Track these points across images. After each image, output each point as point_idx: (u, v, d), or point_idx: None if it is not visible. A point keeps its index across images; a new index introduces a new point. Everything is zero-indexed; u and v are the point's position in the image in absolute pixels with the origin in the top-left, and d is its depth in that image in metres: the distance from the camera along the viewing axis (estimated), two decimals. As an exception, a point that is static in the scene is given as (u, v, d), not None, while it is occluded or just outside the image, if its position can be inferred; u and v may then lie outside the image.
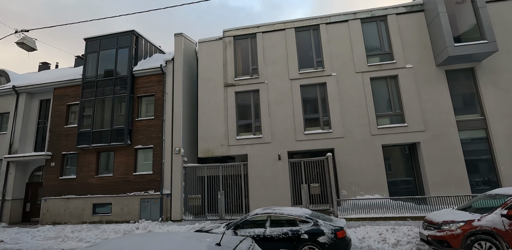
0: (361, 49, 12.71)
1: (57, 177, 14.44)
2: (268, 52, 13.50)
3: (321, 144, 12.28)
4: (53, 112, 15.32)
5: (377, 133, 11.92)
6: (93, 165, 14.12)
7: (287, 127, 12.62)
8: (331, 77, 12.71)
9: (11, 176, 15.01)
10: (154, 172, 13.36)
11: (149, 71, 14.26)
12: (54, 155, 14.74)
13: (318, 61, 13.15)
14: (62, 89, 15.49)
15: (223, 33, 14.08)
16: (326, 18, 13.27)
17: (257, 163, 12.57)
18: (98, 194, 13.70)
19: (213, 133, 13.15)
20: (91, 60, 15.02)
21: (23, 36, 7.94)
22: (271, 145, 12.61)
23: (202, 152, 13.12)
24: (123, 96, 14.15)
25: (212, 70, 13.81)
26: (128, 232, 9.88)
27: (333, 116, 12.34)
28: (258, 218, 7.07)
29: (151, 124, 13.91)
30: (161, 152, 13.43)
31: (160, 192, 13.03)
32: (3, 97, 16.21)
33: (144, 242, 2.79)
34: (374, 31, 13.02)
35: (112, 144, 13.71)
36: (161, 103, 14.01)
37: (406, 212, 10.62)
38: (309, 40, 13.47)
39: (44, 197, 14.34)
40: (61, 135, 14.90)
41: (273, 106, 12.92)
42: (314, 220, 6.68)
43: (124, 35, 14.73)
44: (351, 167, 11.82)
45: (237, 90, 13.41)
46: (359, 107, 12.24)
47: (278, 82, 13.10)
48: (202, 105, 13.56)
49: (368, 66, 12.51)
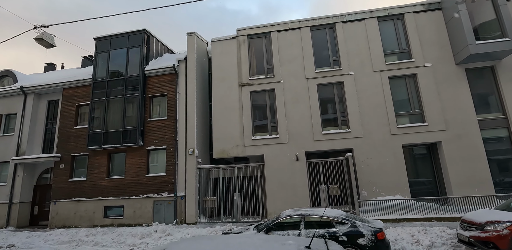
0: (378, 47, 12.53)
1: (66, 179, 14.08)
2: (284, 51, 13.29)
3: (340, 144, 12.05)
4: (62, 113, 14.99)
5: (397, 132, 11.70)
6: (104, 167, 13.78)
7: (304, 127, 12.38)
8: (348, 76, 12.51)
9: (19, 178, 14.63)
10: (168, 174, 13.05)
11: (161, 71, 14.00)
12: (63, 157, 14.39)
13: (334, 60, 12.96)
14: (71, 90, 15.18)
15: (237, 32, 13.87)
16: (342, 16, 13.11)
17: (274, 163, 12.30)
18: (110, 197, 13.36)
19: (228, 133, 12.88)
20: (101, 60, 14.74)
21: (42, 32, 7.68)
22: (288, 145, 12.35)
23: (217, 153, 12.84)
24: (135, 97, 13.86)
25: (226, 70, 13.57)
26: (147, 236, 9.54)
27: (351, 116, 12.12)
28: (291, 219, 6.78)
29: (163, 125, 13.63)
30: (174, 153, 13.13)
31: (174, 194, 12.71)
32: (10, 98, 15.87)
33: (220, 246, 2.51)
34: (391, 29, 12.87)
35: (124, 145, 13.40)
36: (173, 103, 13.73)
37: (430, 213, 10.38)
38: (324, 39, 13.29)
39: (53, 199, 13.97)
40: (71, 136, 14.56)
41: (290, 106, 12.69)
42: (351, 221, 6.41)
43: (135, 35, 14.48)
44: (371, 167, 11.58)
45: (252, 89, 13.17)
46: (378, 107, 12.03)
47: (294, 81, 12.89)
48: (216, 106, 13.30)
49: (386, 65, 12.33)
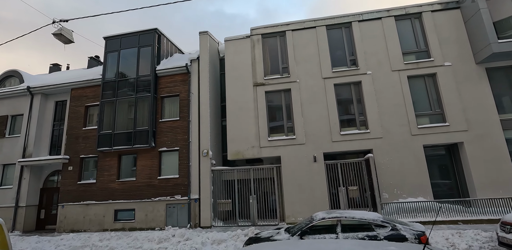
0: (396, 47, 12.32)
1: (75, 181, 13.68)
2: (299, 51, 13.05)
3: (358, 144, 11.77)
4: (70, 114, 14.62)
5: (417, 132, 11.44)
6: (114, 169, 13.40)
7: (322, 127, 12.10)
8: (366, 76, 12.27)
9: (25, 181, 14.20)
10: (181, 176, 12.70)
11: (173, 71, 13.70)
12: (71, 159, 13.99)
13: (351, 59, 12.73)
14: (80, 90, 14.82)
15: (251, 31, 13.62)
16: (359, 15, 12.91)
17: (291, 165, 11.98)
18: (120, 200, 12.96)
19: (243, 134, 12.56)
20: (111, 60, 14.42)
21: (60, 27, 7.37)
22: (306, 146, 12.05)
23: (232, 154, 12.51)
24: (147, 97, 13.54)
25: (240, 69, 13.30)
26: (164, 240, 9.16)
27: (370, 116, 11.86)
28: (326, 222, 6.46)
29: (176, 125, 13.29)
30: (187, 154, 12.79)
31: (188, 196, 12.34)
32: (17, 98, 15.48)
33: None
34: (408, 28, 12.67)
35: (136, 146, 13.03)
36: (186, 103, 13.42)
37: (456, 216, 10.09)
38: (341, 38, 13.07)
39: (61, 203, 13.54)
40: (79, 138, 14.18)
41: (306, 106, 12.41)
42: (391, 224, 6.10)
43: (146, 34, 14.19)
44: (392, 169, 11.29)
45: (267, 89, 12.89)
46: (397, 107, 11.78)
47: (311, 81, 12.63)
48: (231, 106, 13.00)
49: (404, 64, 12.11)
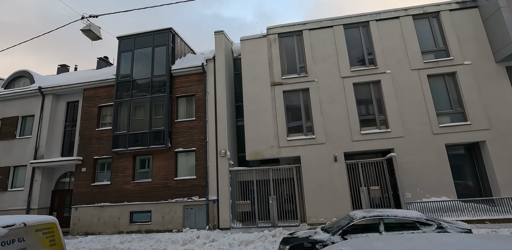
0: (415, 45, 12.28)
1: (88, 183, 13.42)
2: (316, 50, 12.97)
3: (379, 144, 11.66)
4: (83, 114, 14.40)
5: (439, 131, 11.36)
6: (129, 170, 13.17)
7: (342, 127, 11.98)
8: (385, 75, 12.20)
9: (37, 183, 13.93)
10: (198, 177, 12.50)
11: (189, 71, 13.57)
12: (85, 160, 13.75)
13: (370, 58, 12.67)
14: (93, 90, 14.63)
15: (267, 30, 13.54)
16: (376, 14, 12.87)
17: (311, 165, 11.84)
18: (136, 201, 12.72)
19: (261, 134, 12.41)
20: (124, 60, 14.26)
21: (89, 23, 7.22)
22: (326, 146, 11.92)
23: (251, 154, 12.34)
24: (162, 97, 13.37)
25: (257, 69, 13.18)
26: (189, 242, 8.94)
27: (390, 115, 11.76)
28: (367, 221, 6.32)
29: (192, 126, 13.13)
30: (204, 155, 12.61)
31: (206, 198, 12.14)
32: (27, 99, 15.25)
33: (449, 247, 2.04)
34: (426, 27, 12.65)
35: (152, 147, 12.83)
36: (202, 103, 13.27)
37: (482, 215, 9.98)
38: (358, 37, 13.02)
39: (75, 205, 13.27)
40: (92, 138, 13.96)
41: (325, 106, 12.30)
42: (436, 222, 5.97)
43: (161, 33, 14.07)
44: (414, 168, 11.18)
45: (285, 89, 12.78)
46: (417, 106, 11.70)
47: (329, 80, 12.53)
48: (248, 106, 12.86)
49: (424, 63, 12.06)
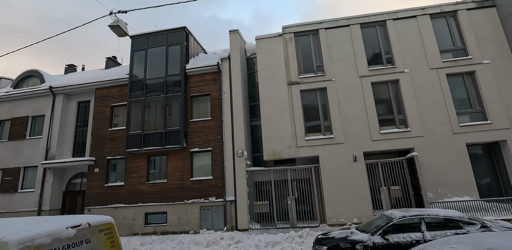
0: (433, 44, 12.22)
1: (102, 184, 13.19)
2: (333, 49, 12.87)
3: (399, 143, 11.55)
4: (95, 114, 14.18)
5: (459, 131, 11.27)
6: (144, 171, 12.96)
7: (361, 126, 11.87)
8: (404, 74, 12.12)
9: (48, 184, 13.67)
10: (214, 177, 12.32)
11: (204, 70, 13.41)
12: (97, 160, 13.52)
13: (387, 57, 12.59)
14: (105, 90, 14.42)
15: (283, 29, 13.43)
16: (393, 13, 12.82)
17: (330, 165, 11.70)
18: (151, 202, 12.51)
19: (279, 134, 12.27)
20: (138, 59, 14.09)
21: (116, 19, 7.05)
22: (344, 146, 11.80)
23: (268, 154, 12.19)
24: (177, 96, 13.20)
25: (273, 68, 13.06)
26: (213, 243, 8.75)
27: (410, 115, 11.67)
28: (407, 221, 6.18)
29: (207, 125, 12.95)
30: (221, 155, 12.43)
31: (223, 198, 11.96)
32: (37, 99, 15.00)
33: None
34: (444, 26, 12.60)
35: (167, 147, 12.64)
36: (217, 103, 13.11)
37: (507, 214, 9.88)
38: (375, 36, 12.94)
39: (88, 206, 13.03)
40: (105, 139, 13.74)
41: (343, 105, 12.19)
42: (480, 221, 5.85)
43: (175, 32, 13.91)
44: (435, 168, 11.07)
45: (302, 88, 12.66)
46: (437, 105, 11.62)
47: (347, 79, 12.43)
48: (265, 105, 12.72)
49: (443, 62, 12.00)
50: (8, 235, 2.21)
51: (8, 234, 2.22)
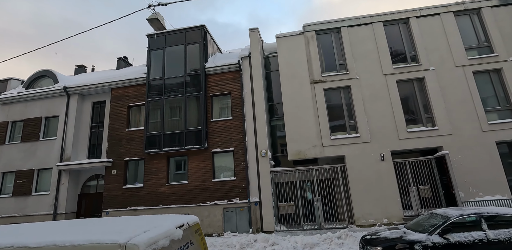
0: (458, 42, 12.09)
1: (120, 186, 12.83)
2: (356, 47, 12.70)
3: (427, 142, 11.35)
4: (112, 114, 13.85)
5: (488, 129, 11.11)
6: (163, 172, 12.64)
7: (387, 125, 11.67)
8: (429, 72, 11.96)
9: (64, 187, 13.28)
10: (238, 178, 12.03)
11: (224, 69, 13.17)
12: (115, 162, 13.17)
13: (411, 55, 12.44)
14: (121, 90, 14.11)
15: (304, 28, 13.25)
16: (416, 11, 12.69)
17: (357, 164, 11.46)
18: (172, 205, 12.17)
19: (303, 133, 12.02)
20: (155, 58, 13.81)
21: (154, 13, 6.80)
22: (371, 145, 11.58)
23: (293, 154, 11.92)
24: (197, 95, 12.93)
25: (295, 67, 12.85)
26: (246, 246, 8.44)
27: (437, 113, 11.49)
28: (466, 219, 5.94)
29: (229, 125, 12.68)
30: (244, 155, 12.16)
31: (248, 200, 11.66)
32: (51, 99, 14.64)
33: None
34: (468, 24, 12.50)
35: (188, 147, 12.33)
36: (238, 102, 12.86)
37: (543, 214, 9.66)
38: (398, 34, 12.80)
39: (106, 209, 12.65)
40: (122, 139, 13.40)
41: (368, 103, 11.99)
42: (542, 219, 5.62)
43: (193, 31, 13.68)
44: (465, 166, 10.87)
45: (325, 87, 12.45)
46: (464, 103, 11.46)
47: (371, 78, 12.25)
48: (288, 104, 12.48)
49: (468, 60, 11.86)
50: (132, 236, 1.94)
51: (131, 235, 1.95)
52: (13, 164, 14.01)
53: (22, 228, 2.69)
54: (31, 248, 1.90)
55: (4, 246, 1.91)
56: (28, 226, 2.84)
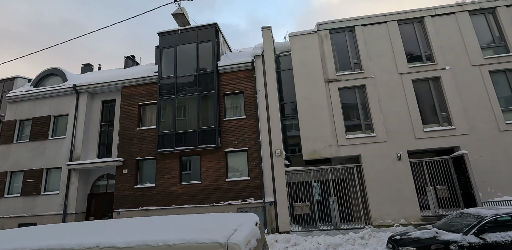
0: (474, 41, 12.02)
1: (131, 185, 12.65)
2: (371, 46, 12.61)
3: (444, 141, 11.25)
4: (122, 113, 13.67)
5: (506, 128, 11.02)
6: (176, 171, 12.47)
7: (403, 124, 11.57)
8: (445, 71, 11.88)
9: (74, 186, 13.08)
10: (252, 178, 11.88)
11: (237, 67, 13.04)
12: (125, 161, 12.99)
13: (427, 54, 12.35)
14: (132, 88, 13.94)
15: (317, 26, 13.14)
16: (431, 10, 12.62)
17: (373, 164, 11.35)
18: (185, 204, 12.00)
19: (318, 133, 11.90)
20: (167, 56, 13.66)
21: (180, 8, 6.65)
22: (387, 144, 11.47)
23: (308, 154, 11.79)
24: (210, 94, 12.79)
25: (309, 66, 12.73)
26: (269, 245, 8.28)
27: (453, 112, 11.40)
28: (500, 219, 5.84)
29: (242, 124, 12.54)
30: (258, 155, 12.02)
31: (262, 200, 11.52)
32: (60, 97, 14.44)
33: None
34: (483, 23, 12.44)
35: (201, 146, 12.18)
36: (252, 101, 12.72)
37: None
38: (412, 33, 12.72)
39: (117, 209, 12.47)
40: (133, 138, 13.22)
41: (384, 103, 11.89)
42: None
43: (206, 29, 13.55)
44: (482, 166, 10.77)
45: (340, 86, 12.34)
46: (481, 102, 11.38)
47: (387, 77, 12.15)
48: (302, 103, 12.35)
49: (484, 59, 11.79)
50: (229, 235, 1.79)
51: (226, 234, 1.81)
52: (21, 163, 13.79)
53: (90, 227, 2.53)
54: (119, 248, 1.75)
55: (89, 246, 1.77)
56: (93, 225, 2.69)
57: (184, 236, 1.78)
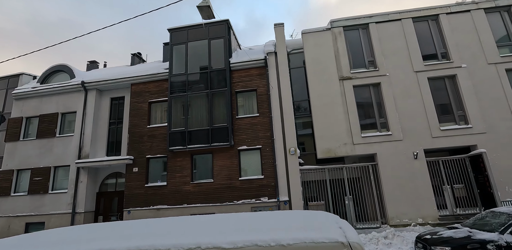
0: (490, 39, 11.92)
1: (142, 184, 12.43)
2: (385, 43, 12.47)
3: (461, 140, 11.13)
4: (132, 111, 13.43)
5: (523, 127, 10.93)
6: (188, 170, 12.26)
7: (419, 123, 11.43)
8: (461, 69, 11.76)
9: (82, 185, 12.83)
10: (265, 176, 11.70)
11: (249, 64, 12.85)
12: (136, 159, 12.76)
13: (442, 52, 12.23)
14: (141, 85, 13.70)
15: (331, 23, 12.98)
16: (446, 8, 12.50)
17: (388, 163, 11.21)
18: (197, 203, 11.80)
19: (332, 131, 11.74)
20: (177, 53, 13.44)
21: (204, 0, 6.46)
22: (403, 143, 11.33)
23: (323, 152, 11.63)
24: (222, 91, 12.59)
25: (323, 63, 12.57)
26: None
27: (470, 111, 11.28)
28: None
29: (255, 122, 12.36)
30: (272, 153, 11.84)
31: (277, 199, 11.34)
32: (68, 94, 14.18)
33: None
34: (499, 21, 12.34)
35: (214, 144, 11.98)
36: (265, 99, 12.54)
37: None
38: (427, 30, 12.60)
39: (127, 208, 12.24)
40: (144, 136, 13.00)
41: (399, 101, 11.75)
42: None
43: (217, 25, 13.34)
44: (500, 165, 10.65)
45: (355, 83, 12.19)
46: (498, 100, 11.27)
47: (402, 75, 12.02)
48: (316, 101, 12.19)
49: (501, 57, 11.69)
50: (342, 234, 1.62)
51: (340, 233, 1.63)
52: (28, 161, 13.52)
53: (145, 227, 2.33)
54: (224, 249, 1.57)
55: (188, 247, 1.58)
56: (140, 224, 2.48)
57: (297, 235, 1.60)
